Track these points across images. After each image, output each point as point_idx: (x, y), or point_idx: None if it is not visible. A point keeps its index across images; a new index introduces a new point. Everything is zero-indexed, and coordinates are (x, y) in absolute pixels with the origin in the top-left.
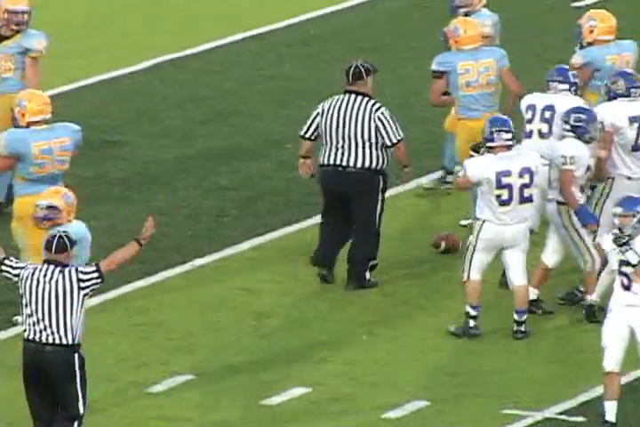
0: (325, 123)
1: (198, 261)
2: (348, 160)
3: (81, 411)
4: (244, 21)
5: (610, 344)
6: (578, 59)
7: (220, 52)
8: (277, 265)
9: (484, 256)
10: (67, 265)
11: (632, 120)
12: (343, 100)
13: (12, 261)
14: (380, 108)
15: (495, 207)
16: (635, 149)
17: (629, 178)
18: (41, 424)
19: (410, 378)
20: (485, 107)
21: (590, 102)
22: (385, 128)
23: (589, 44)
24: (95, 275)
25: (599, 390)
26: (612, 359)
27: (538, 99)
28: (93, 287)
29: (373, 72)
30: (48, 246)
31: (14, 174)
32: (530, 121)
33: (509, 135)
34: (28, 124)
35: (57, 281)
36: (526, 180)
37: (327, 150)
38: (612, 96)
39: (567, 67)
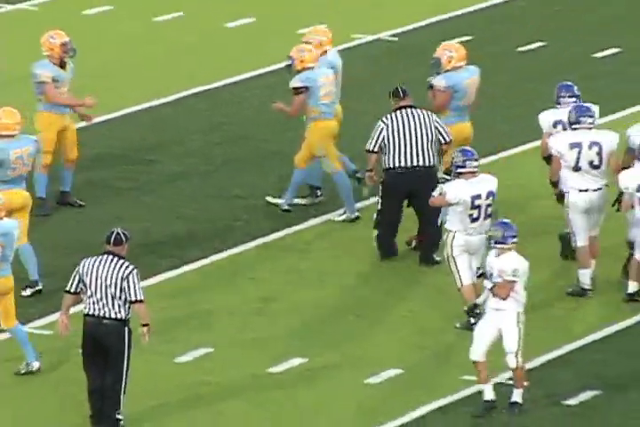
0: (394, 133)
1: (215, 257)
2: (422, 160)
3: (122, 393)
4: (257, 60)
5: (477, 339)
6: (442, 82)
7: (236, 86)
8: (280, 260)
9: (465, 259)
10: (123, 257)
11: (573, 146)
12: (403, 113)
13: (72, 282)
14: (433, 113)
15: (467, 223)
16: (576, 169)
17: (580, 190)
18: (93, 384)
19: (387, 351)
20: (332, 110)
21: (445, 118)
22: (441, 128)
23: (447, 70)
24: (133, 296)
25: (539, 361)
26: (476, 352)
27: (562, 115)
28: (124, 295)
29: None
30: (107, 240)
31: None
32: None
33: (477, 163)
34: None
35: (114, 268)
36: (490, 201)
37: (398, 155)
38: (569, 123)
39: (571, 83)
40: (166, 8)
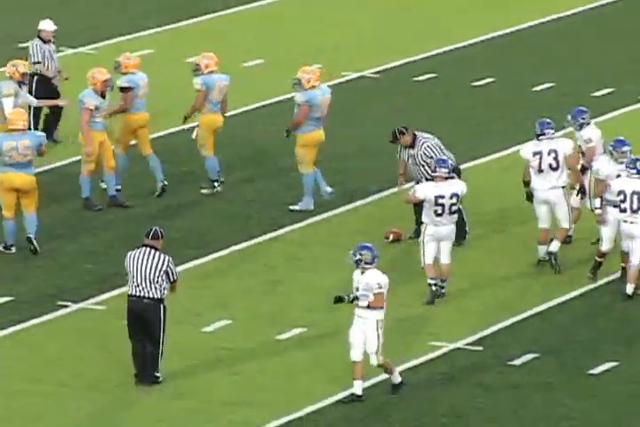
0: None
1: (233, 248)
2: None
3: (160, 357)
4: (266, 93)
5: (353, 343)
6: (301, 98)
7: (248, 114)
8: (285, 250)
9: (432, 246)
10: (158, 249)
11: (535, 154)
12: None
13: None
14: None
15: (433, 217)
16: (539, 171)
17: (540, 189)
18: (136, 349)
19: None
20: (142, 106)
21: (304, 127)
22: None
23: (306, 89)
24: (172, 277)
25: (493, 329)
26: (355, 354)
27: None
28: (165, 277)
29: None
30: (147, 235)
31: None
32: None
33: (447, 170)
34: (10, 130)
35: (152, 258)
36: (454, 200)
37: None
38: (536, 135)
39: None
40: (194, 51)
